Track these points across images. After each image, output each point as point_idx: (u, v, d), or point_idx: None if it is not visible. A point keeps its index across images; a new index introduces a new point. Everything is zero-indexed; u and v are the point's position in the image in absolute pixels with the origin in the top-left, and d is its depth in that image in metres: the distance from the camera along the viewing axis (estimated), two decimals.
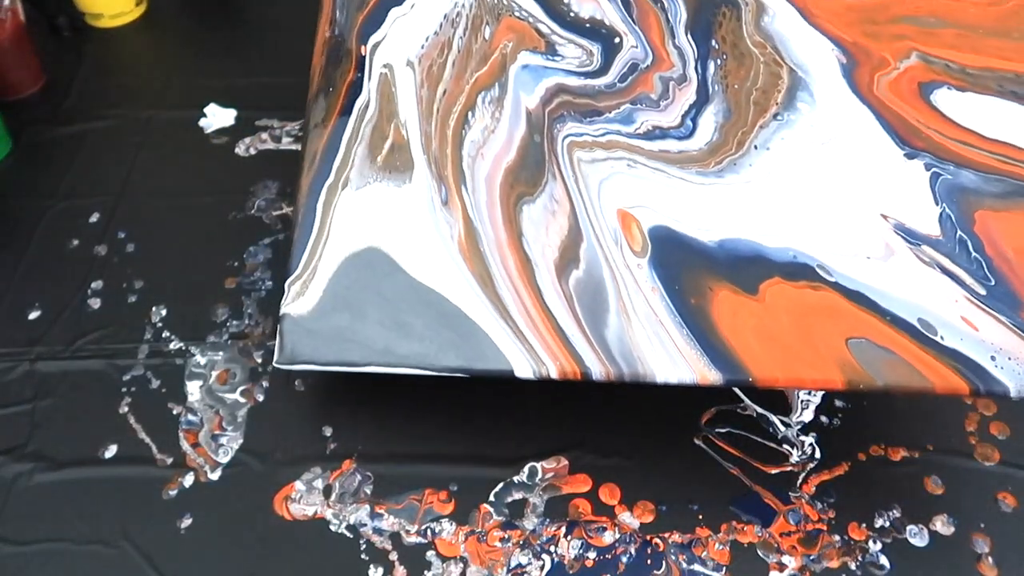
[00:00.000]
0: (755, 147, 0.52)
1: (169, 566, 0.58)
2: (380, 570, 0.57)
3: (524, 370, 0.52)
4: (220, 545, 0.59)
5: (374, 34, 0.60)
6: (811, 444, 0.63)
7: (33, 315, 0.72)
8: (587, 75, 0.57)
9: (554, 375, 0.51)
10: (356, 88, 0.59)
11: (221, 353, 0.69)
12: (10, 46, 0.88)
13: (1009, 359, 0.45)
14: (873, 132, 0.51)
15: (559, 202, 0.54)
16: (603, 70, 0.57)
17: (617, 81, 0.56)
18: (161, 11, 1.04)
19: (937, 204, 0.48)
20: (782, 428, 0.64)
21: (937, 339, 0.46)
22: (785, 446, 0.63)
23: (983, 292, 0.46)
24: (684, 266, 0.51)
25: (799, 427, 0.64)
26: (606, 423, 0.64)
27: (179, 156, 0.85)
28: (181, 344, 0.70)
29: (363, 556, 0.58)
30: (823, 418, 0.64)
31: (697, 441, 0.63)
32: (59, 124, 0.89)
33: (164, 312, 0.72)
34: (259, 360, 0.68)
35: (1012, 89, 0.51)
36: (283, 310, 0.55)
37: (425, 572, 0.57)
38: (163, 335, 0.70)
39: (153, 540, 0.59)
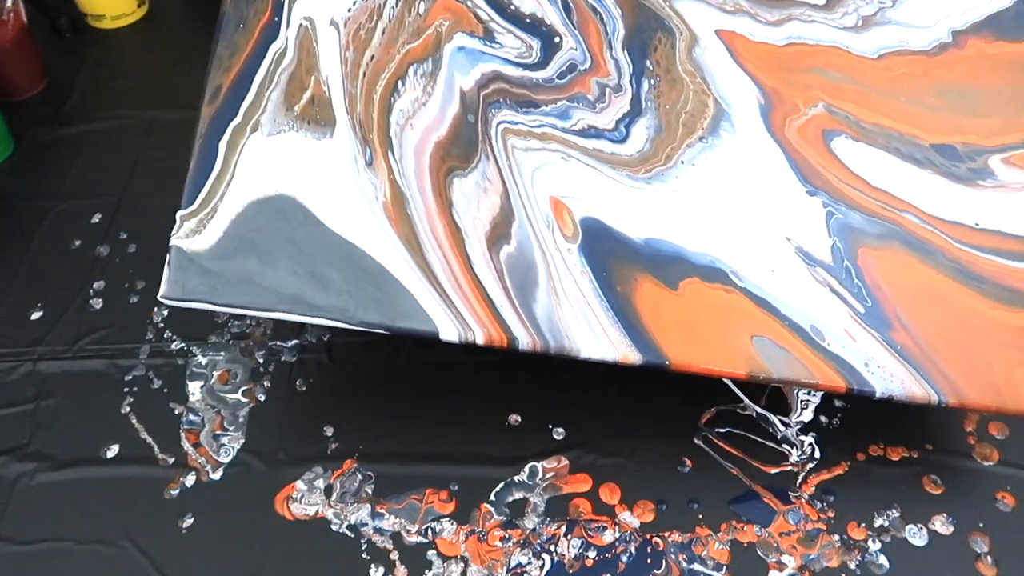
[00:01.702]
0: (682, 162, 0.56)
1: (171, 566, 0.58)
2: (381, 570, 0.58)
3: (449, 333, 0.52)
4: (221, 545, 0.59)
5: None
6: (810, 444, 0.63)
7: (35, 315, 0.72)
8: (525, 67, 0.57)
9: (480, 341, 0.52)
10: (271, 32, 0.57)
11: (222, 353, 0.69)
12: (12, 47, 0.88)
13: (879, 367, 0.53)
14: (782, 169, 0.56)
15: (492, 181, 0.55)
16: (542, 64, 0.58)
17: (556, 77, 0.57)
18: (163, 12, 1.04)
19: (830, 237, 0.55)
20: (782, 428, 0.64)
21: (824, 345, 0.53)
22: (784, 446, 0.63)
23: (862, 311, 0.54)
24: (612, 256, 0.54)
25: (798, 427, 0.64)
26: (606, 423, 0.64)
27: (181, 157, 0.85)
28: (182, 344, 0.70)
29: (364, 556, 0.58)
30: (822, 418, 0.64)
31: (697, 441, 0.63)
32: (61, 125, 0.89)
33: (166, 312, 0.72)
34: (260, 360, 0.69)
35: (896, 146, 0.57)
36: (174, 242, 0.53)
37: (426, 572, 0.57)
38: (165, 335, 0.71)
39: (155, 540, 0.59)
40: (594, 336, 0.53)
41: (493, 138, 0.56)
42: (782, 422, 0.64)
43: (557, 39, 0.58)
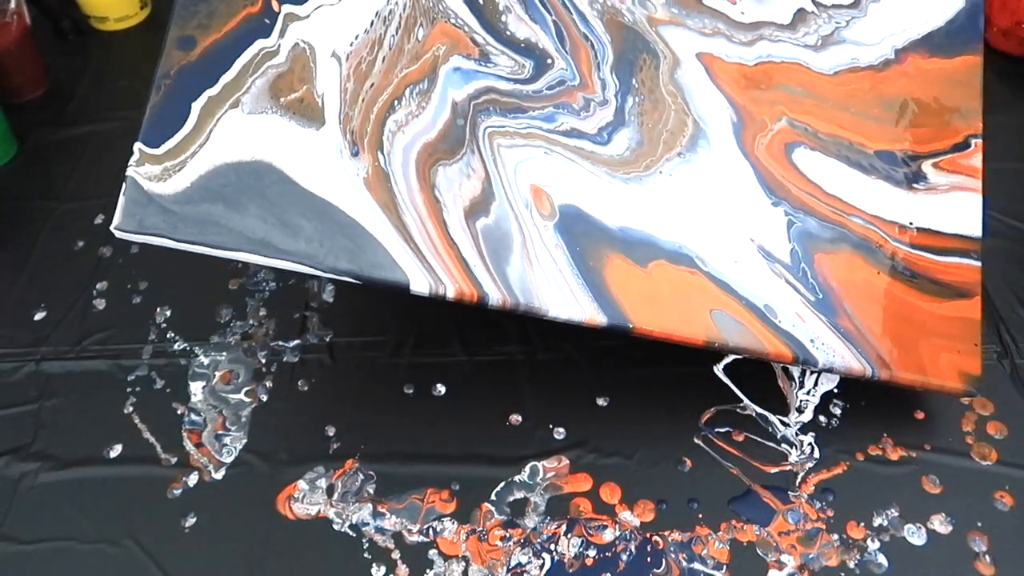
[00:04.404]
0: (660, 172, 0.60)
1: (173, 565, 0.58)
2: (383, 569, 0.58)
3: (420, 285, 0.53)
4: (224, 544, 0.59)
5: (294, 4, 0.57)
6: (810, 444, 0.63)
7: (39, 316, 0.73)
8: (517, 81, 0.60)
9: (451, 295, 0.54)
10: (260, 28, 0.56)
11: (224, 353, 0.70)
12: (16, 49, 0.89)
13: (823, 343, 0.58)
14: (750, 182, 0.61)
15: (475, 170, 0.57)
16: (532, 80, 0.60)
17: (544, 89, 0.60)
18: (165, 14, 1.04)
19: (789, 242, 0.60)
20: (781, 428, 0.64)
21: (776, 322, 0.58)
22: (784, 446, 0.63)
23: (813, 300, 0.59)
24: (586, 236, 0.57)
25: (798, 427, 0.64)
26: (607, 423, 0.65)
27: None
28: (185, 344, 0.70)
29: (366, 555, 0.59)
30: (822, 418, 0.65)
31: (697, 440, 0.64)
32: (64, 127, 0.90)
33: (168, 313, 0.72)
34: (262, 360, 0.69)
35: (846, 155, 0.63)
36: (130, 173, 0.53)
37: (427, 571, 0.58)
38: (167, 336, 0.71)
39: (157, 539, 0.59)
40: (563, 298, 0.55)
41: (480, 138, 0.58)
42: (782, 422, 0.65)
43: (549, 60, 0.61)
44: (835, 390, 0.66)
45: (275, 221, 0.52)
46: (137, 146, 0.53)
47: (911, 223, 0.62)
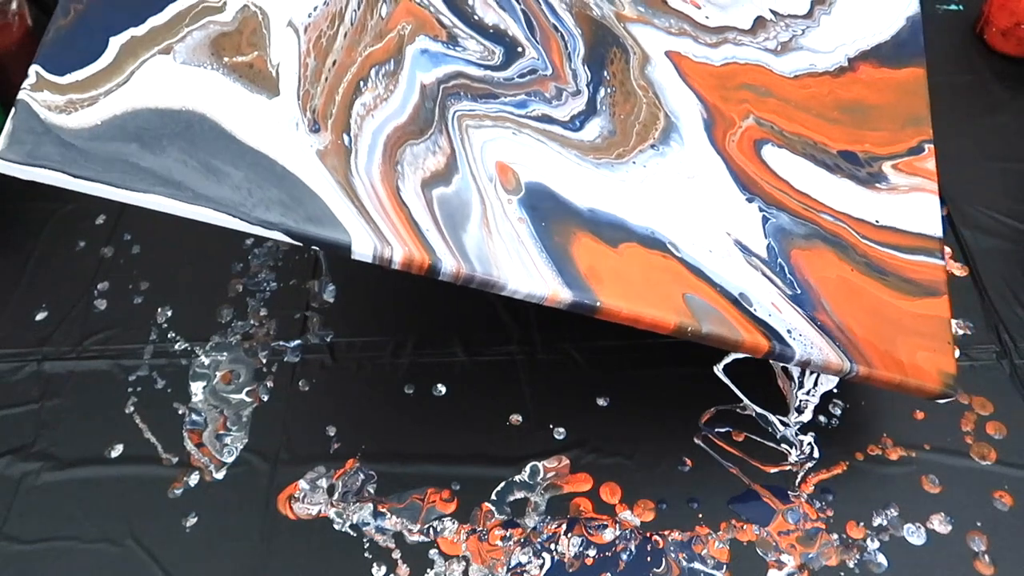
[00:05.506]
0: (633, 163, 0.59)
1: (174, 564, 0.58)
2: (383, 568, 0.58)
3: (364, 246, 0.49)
4: (224, 544, 0.59)
5: None
6: (809, 444, 0.64)
7: (40, 316, 0.73)
8: (487, 68, 0.59)
9: (398, 260, 0.49)
10: None
11: (225, 354, 0.70)
12: (17, 50, 0.88)
13: (800, 335, 0.56)
14: (724, 178, 0.61)
15: (441, 147, 0.55)
16: (503, 67, 0.59)
17: (516, 76, 0.60)
18: None
19: (765, 238, 0.60)
20: (781, 428, 0.64)
21: (752, 310, 0.56)
22: (784, 445, 0.64)
23: (790, 294, 0.58)
24: (553, 213, 0.55)
25: (798, 427, 0.64)
26: (607, 423, 0.65)
27: None
28: (186, 344, 0.70)
29: (366, 555, 0.59)
30: (821, 418, 0.65)
31: (697, 440, 0.64)
32: None
33: (169, 313, 0.73)
34: (263, 360, 0.69)
35: (812, 153, 0.64)
36: (23, 96, 0.47)
37: (428, 571, 0.58)
38: (168, 336, 0.71)
39: (158, 539, 0.60)
40: (525, 271, 0.51)
41: (449, 121, 0.56)
42: (781, 422, 0.65)
43: (520, 49, 0.60)
44: (835, 390, 0.66)
45: (197, 165, 0.47)
46: (34, 68, 0.48)
47: (877, 220, 0.63)
